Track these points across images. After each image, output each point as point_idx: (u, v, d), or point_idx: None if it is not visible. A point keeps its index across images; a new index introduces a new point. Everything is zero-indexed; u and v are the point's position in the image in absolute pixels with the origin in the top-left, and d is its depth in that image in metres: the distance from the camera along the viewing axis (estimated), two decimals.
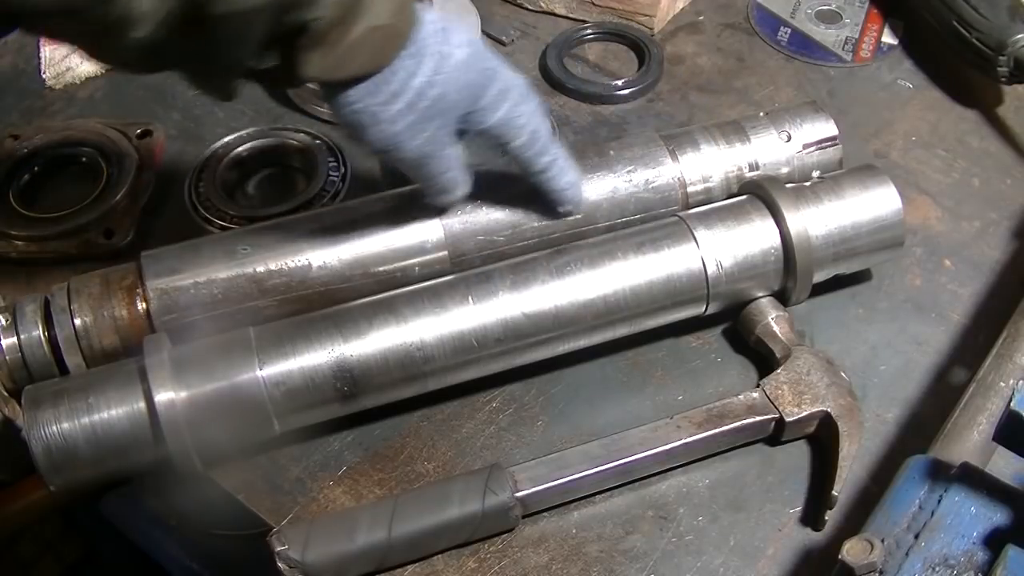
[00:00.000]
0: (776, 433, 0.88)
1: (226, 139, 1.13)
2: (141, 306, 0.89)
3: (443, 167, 0.85)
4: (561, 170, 0.89)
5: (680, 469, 0.87)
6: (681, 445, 0.85)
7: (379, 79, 0.77)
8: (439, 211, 0.93)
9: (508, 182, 0.93)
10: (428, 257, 0.93)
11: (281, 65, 0.75)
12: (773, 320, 0.92)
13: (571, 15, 1.31)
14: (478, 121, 0.84)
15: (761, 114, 1.02)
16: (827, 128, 1.01)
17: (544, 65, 1.25)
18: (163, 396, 0.80)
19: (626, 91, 1.21)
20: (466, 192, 0.89)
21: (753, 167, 0.99)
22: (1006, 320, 0.90)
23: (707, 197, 0.98)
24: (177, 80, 1.24)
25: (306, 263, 0.90)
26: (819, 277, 0.94)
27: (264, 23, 0.70)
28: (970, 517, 0.70)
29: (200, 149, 1.12)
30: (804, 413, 0.86)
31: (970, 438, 0.80)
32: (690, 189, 0.98)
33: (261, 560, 0.79)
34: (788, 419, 0.86)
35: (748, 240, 0.91)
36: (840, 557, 0.68)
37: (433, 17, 0.80)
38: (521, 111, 0.85)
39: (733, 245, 0.91)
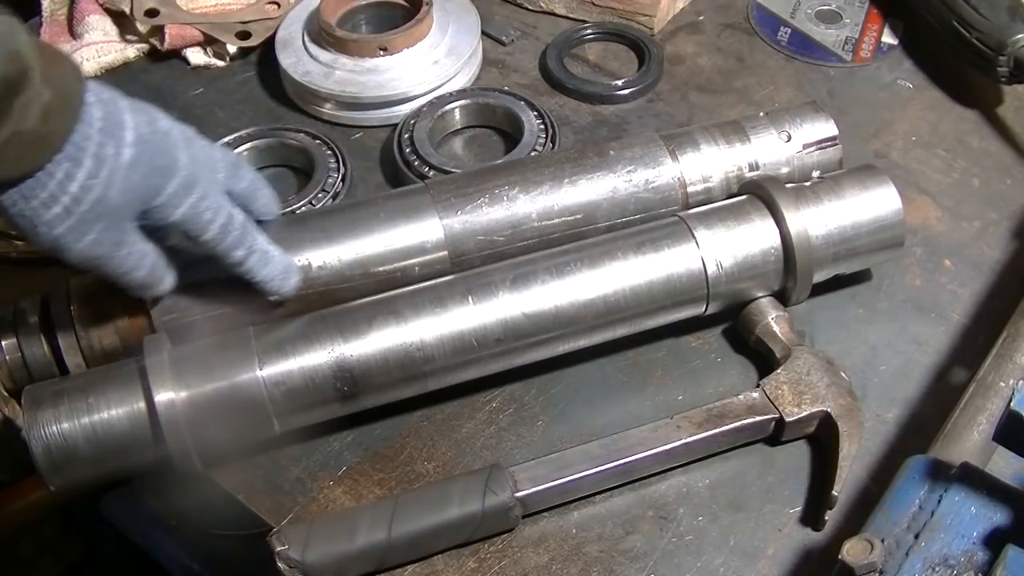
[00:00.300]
0: (776, 433, 0.88)
1: (226, 139, 1.13)
2: (141, 306, 0.89)
3: (125, 266, 0.80)
4: (260, 261, 0.85)
5: (680, 469, 0.87)
6: (681, 445, 0.85)
7: (32, 183, 0.73)
8: (439, 211, 0.93)
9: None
10: (428, 257, 0.93)
11: None
12: (773, 320, 0.92)
13: (571, 15, 1.32)
14: (160, 217, 0.80)
15: (761, 114, 1.02)
16: (827, 128, 1.01)
17: (544, 65, 1.25)
18: (163, 396, 0.80)
19: (626, 91, 1.21)
20: (172, 285, 0.85)
21: (753, 167, 0.99)
22: (1006, 320, 0.90)
23: (707, 197, 0.98)
24: (178, 80, 1.25)
25: (306, 263, 0.90)
26: (819, 277, 0.94)
27: None
28: (970, 517, 0.70)
29: None
30: (804, 413, 0.86)
31: (970, 438, 0.80)
32: (690, 189, 0.98)
33: (261, 560, 0.79)
34: (788, 419, 0.86)
35: (748, 240, 0.91)
36: (840, 557, 0.68)
37: (102, 114, 0.75)
38: (208, 204, 0.81)
39: (733, 245, 0.91)
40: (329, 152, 1.12)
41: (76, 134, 0.74)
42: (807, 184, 0.95)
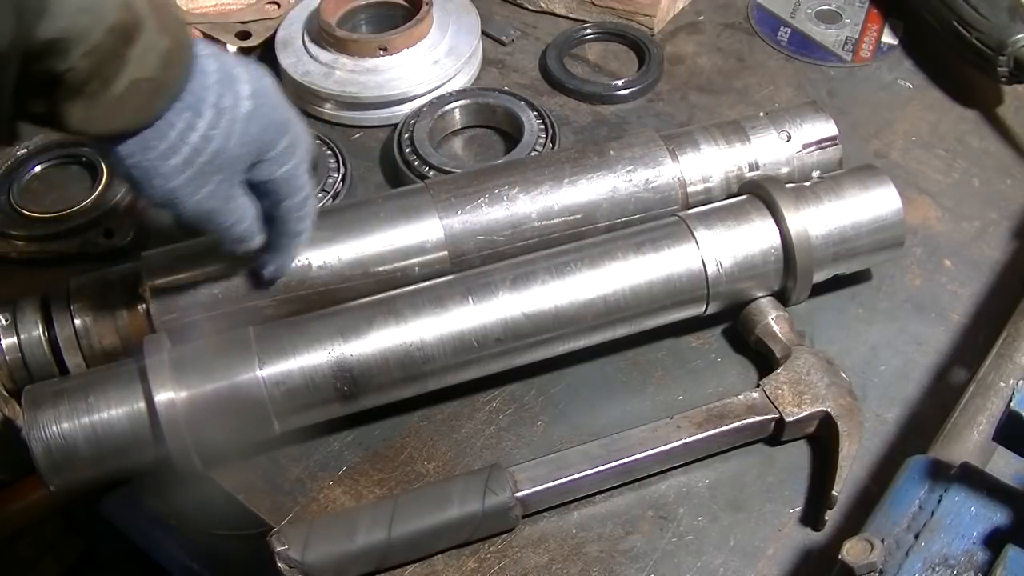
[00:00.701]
0: (776, 433, 0.88)
1: None
2: (141, 306, 0.89)
3: (232, 219, 0.80)
4: (304, 237, 0.86)
5: (680, 469, 0.87)
6: (681, 445, 0.85)
7: (151, 133, 0.73)
8: (439, 211, 0.93)
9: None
10: (428, 257, 0.93)
11: (49, 113, 0.71)
12: (773, 320, 0.92)
13: (571, 15, 1.32)
14: (266, 174, 0.80)
15: (761, 114, 1.02)
16: (827, 128, 1.01)
17: (544, 65, 1.25)
18: (163, 396, 0.80)
19: (626, 91, 1.21)
20: (261, 242, 0.85)
21: (753, 167, 0.99)
22: (1006, 320, 0.90)
23: (707, 197, 0.98)
24: None
25: (306, 263, 0.90)
26: (819, 277, 0.94)
27: (10, 71, 0.66)
28: (970, 517, 0.70)
29: None
30: (804, 413, 0.86)
31: (970, 438, 0.80)
32: (690, 189, 0.98)
33: (261, 560, 0.79)
34: (788, 419, 0.86)
35: (748, 240, 0.91)
36: (840, 557, 0.68)
37: (217, 66, 0.76)
38: (305, 168, 0.82)
39: (733, 245, 0.91)
40: (329, 152, 1.12)
41: (194, 83, 0.74)
42: (807, 184, 0.95)
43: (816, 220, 0.92)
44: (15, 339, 0.89)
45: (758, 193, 0.94)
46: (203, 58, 0.75)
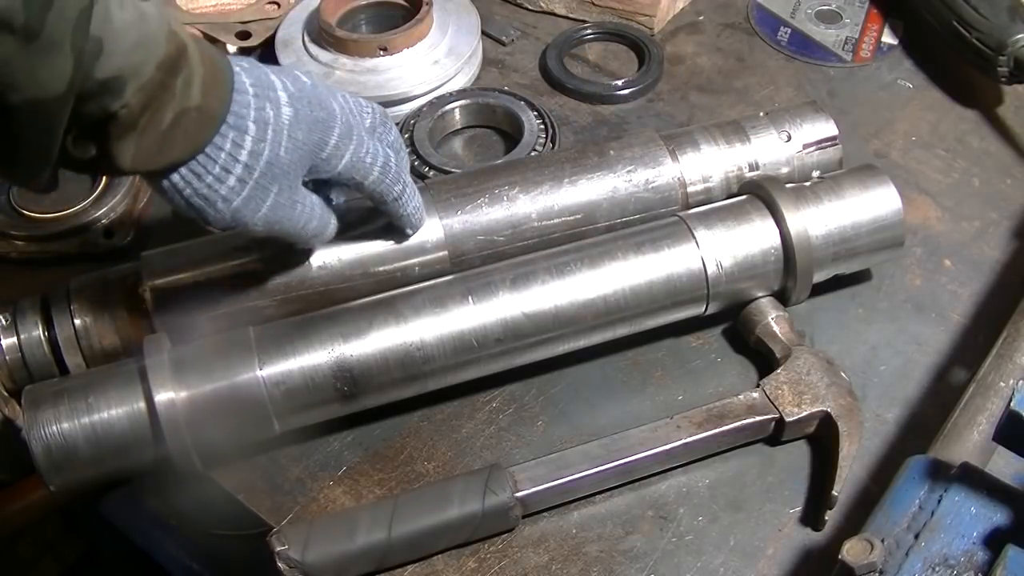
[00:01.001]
0: (776, 433, 0.88)
1: None
2: (141, 306, 0.89)
3: (300, 222, 0.81)
4: (411, 194, 0.87)
5: (680, 469, 0.87)
6: (681, 445, 0.85)
7: (202, 160, 0.74)
8: (439, 211, 0.93)
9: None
10: (428, 257, 0.93)
11: (99, 155, 0.71)
12: (773, 320, 0.92)
13: (571, 15, 1.32)
14: (326, 170, 0.81)
15: (761, 114, 1.02)
16: (827, 128, 1.01)
17: (544, 65, 1.25)
18: (163, 396, 0.80)
19: (626, 91, 1.21)
20: (336, 228, 0.86)
21: (753, 167, 0.99)
22: (1006, 320, 0.90)
23: (707, 197, 0.98)
24: None
25: (306, 263, 0.90)
26: (819, 277, 0.94)
27: (66, 113, 0.66)
28: (970, 517, 0.70)
29: None
30: (804, 413, 0.86)
31: (970, 438, 0.80)
32: (690, 189, 0.98)
33: (261, 560, 0.79)
34: (788, 419, 0.86)
35: (748, 240, 0.91)
36: (840, 557, 0.68)
37: (252, 79, 0.76)
38: (367, 148, 0.82)
39: (733, 245, 0.91)
40: None
41: (235, 103, 0.74)
42: (807, 184, 0.95)
43: (816, 220, 0.92)
44: (15, 339, 0.89)
45: (758, 193, 0.94)
46: (239, 74, 0.75)
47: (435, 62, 1.19)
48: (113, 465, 0.82)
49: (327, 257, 0.91)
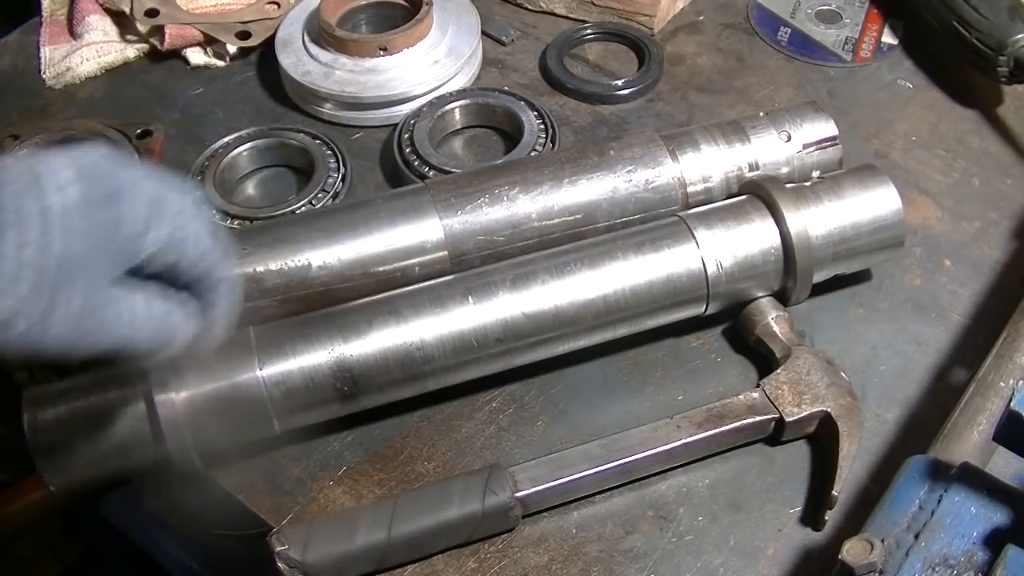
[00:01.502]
0: (776, 433, 0.88)
1: (226, 139, 1.13)
2: None
3: (123, 326, 0.62)
4: (223, 287, 0.69)
5: (680, 469, 0.87)
6: (681, 445, 0.85)
7: None
8: (439, 211, 0.93)
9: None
10: (428, 257, 0.93)
11: None
12: (773, 320, 0.92)
13: (571, 15, 1.32)
14: (139, 251, 0.63)
15: (761, 114, 1.02)
16: (827, 128, 1.01)
17: (544, 65, 1.25)
18: (163, 396, 0.80)
19: (626, 91, 1.21)
20: (187, 336, 0.68)
21: (753, 167, 0.99)
22: (1006, 320, 0.90)
23: (707, 197, 0.98)
24: (178, 80, 1.25)
25: (306, 263, 0.90)
26: (819, 277, 0.94)
27: None
28: (970, 517, 0.70)
29: (200, 149, 1.13)
30: (804, 413, 0.86)
31: (970, 438, 0.80)
32: (690, 189, 0.98)
33: (261, 560, 0.79)
34: (788, 419, 0.86)
35: (748, 240, 0.91)
36: (840, 557, 0.68)
37: (22, 168, 0.59)
38: (190, 215, 0.65)
39: (733, 245, 0.91)
40: (329, 152, 1.12)
41: (3, 198, 0.58)
42: (807, 184, 0.95)
43: (816, 220, 0.92)
44: None
45: (758, 193, 0.94)
46: (6, 168, 0.59)
47: (435, 62, 1.19)
48: (113, 465, 0.82)
49: (327, 257, 0.91)
